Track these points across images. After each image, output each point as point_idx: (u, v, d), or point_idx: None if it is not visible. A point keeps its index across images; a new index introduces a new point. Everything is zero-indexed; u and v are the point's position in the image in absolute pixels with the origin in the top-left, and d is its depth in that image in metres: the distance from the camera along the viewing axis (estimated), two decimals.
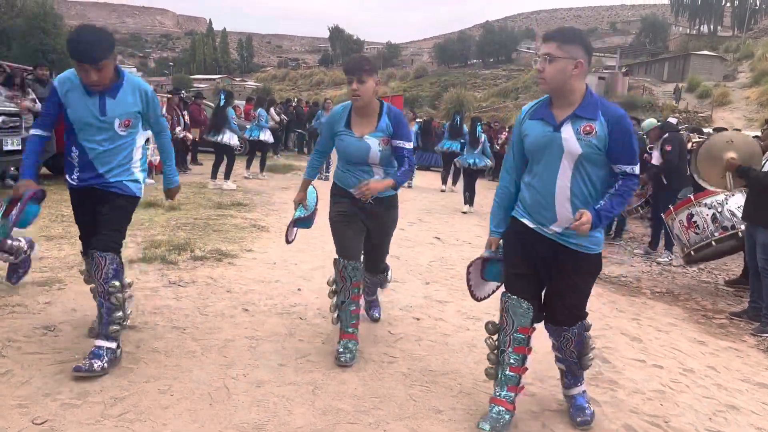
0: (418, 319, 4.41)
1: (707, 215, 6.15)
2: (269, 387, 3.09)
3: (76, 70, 3.01)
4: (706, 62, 50.79)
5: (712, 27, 75.31)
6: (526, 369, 2.93)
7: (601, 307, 5.20)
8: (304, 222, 3.83)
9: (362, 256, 3.68)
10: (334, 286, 3.63)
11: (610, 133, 2.60)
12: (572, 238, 2.70)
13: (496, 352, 2.90)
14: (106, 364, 3.03)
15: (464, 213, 10.58)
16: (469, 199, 10.83)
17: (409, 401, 3.09)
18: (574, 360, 2.98)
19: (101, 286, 3.09)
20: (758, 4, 71.78)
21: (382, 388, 3.19)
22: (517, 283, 2.84)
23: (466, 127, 12.53)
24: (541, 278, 2.86)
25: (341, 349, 3.47)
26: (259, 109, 12.66)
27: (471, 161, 10.64)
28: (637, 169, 2.68)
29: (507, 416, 2.81)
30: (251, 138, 12.30)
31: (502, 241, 2.98)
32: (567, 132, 2.63)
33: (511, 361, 2.82)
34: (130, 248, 5.59)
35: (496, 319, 2.95)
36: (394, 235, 3.83)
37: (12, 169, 8.46)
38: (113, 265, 3.10)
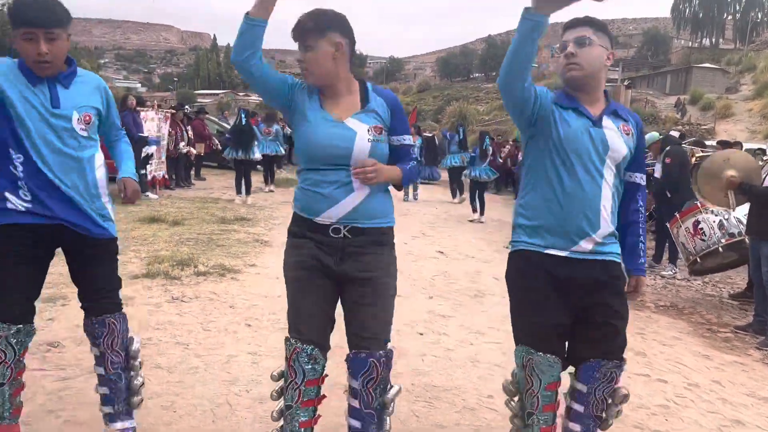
0: (421, 334, 4.40)
1: (714, 222, 6.15)
2: (272, 403, 3.07)
3: (20, 47, 2.30)
4: (709, 75, 50.84)
5: (713, 40, 75.52)
6: (555, 426, 2.45)
7: None
8: None
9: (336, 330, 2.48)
10: (280, 382, 2.42)
11: (638, 138, 2.39)
12: (605, 247, 2.31)
13: (520, 415, 2.44)
14: None
15: (472, 221, 11.13)
16: (480, 209, 11.37)
17: (411, 417, 3.08)
18: (599, 414, 2.39)
19: (118, 355, 2.55)
20: (760, 17, 72.04)
21: None
22: (544, 336, 2.31)
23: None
24: (569, 318, 2.35)
25: None
26: (275, 126, 13.19)
27: (477, 173, 11.24)
28: (644, 180, 2.49)
29: None
30: (272, 153, 12.79)
31: (512, 283, 2.44)
32: (609, 127, 2.30)
33: (541, 422, 2.35)
34: (133, 264, 5.60)
35: (507, 367, 2.61)
36: (396, 249, 2.53)
37: None
38: (125, 324, 2.60)
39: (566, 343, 2.39)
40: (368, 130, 2.26)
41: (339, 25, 2.25)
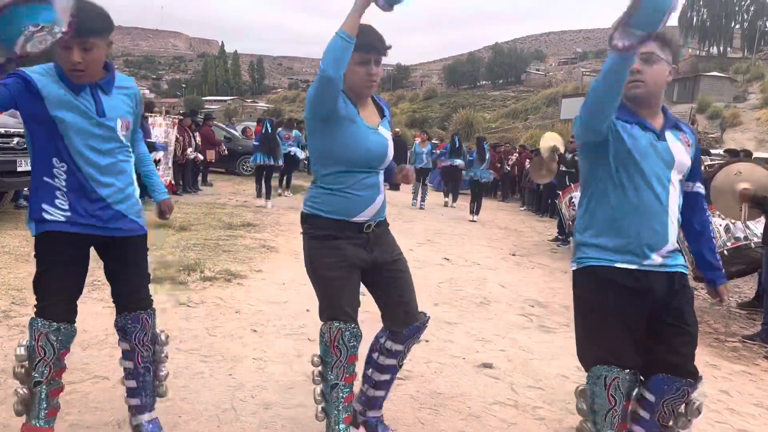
0: (426, 341, 4.38)
1: (720, 225, 6.14)
2: (277, 409, 3.08)
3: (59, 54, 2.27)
4: (716, 83, 50.70)
5: (721, 48, 75.32)
6: None
7: None
8: None
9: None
10: (320, 367, 2.57)
11: (695, 148, 2.42)
12: (673, 260, 2.32)
13: None
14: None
15: (472, 221, 11.86)
16: (476, 209, 12.15)
17: (417, 424, 3.07)
18: (665, 423, 2.34)
19: (147, 349, 2.62)
20: None
21: (390, 411, 3.16)
22: (629, 352, 2.27)
23: (465, 147, 14.31)
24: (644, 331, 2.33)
25: None
26: (295, 131, 13.77)
27: (474, 174, 12.17)
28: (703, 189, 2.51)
29: None
30: (292, 154, 13.31)
31: (583, 301, 2.40)
32: (672, 141, 2.32)
33: None
34: None
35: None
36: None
37: (25, 189, 8.55)
38: (155, 319, 2.66)
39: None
40: (390, 137, 2.60)
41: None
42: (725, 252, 6.09)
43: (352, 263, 2.50)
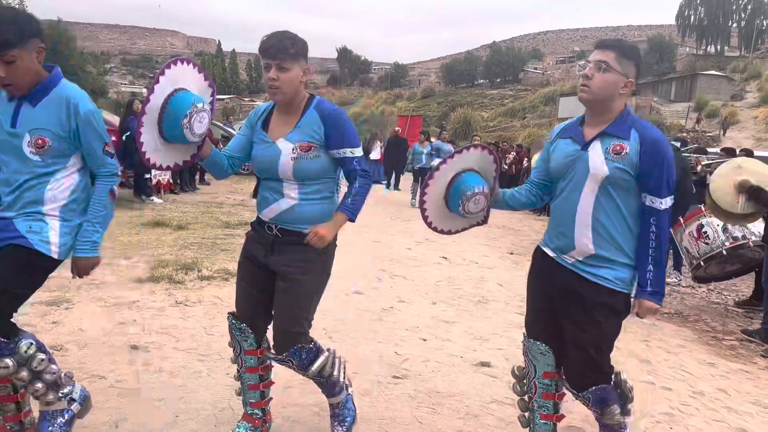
0: (424, 340, 4.39)
1: (718, 225, 6.15)
2: (274, 408, 3.07)
3: None
4: (714, 82, 50.82)
5: (719, 47, 75.48)
6: (562, 416, 2.64)
7: None
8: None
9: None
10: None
11: (642, 155, 2.28)
12: (592, 269, 2.37)
13: (525, 398, 2.67)
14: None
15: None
16: None
17: (415, 423, 3.07)
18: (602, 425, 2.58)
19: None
20: (765, 24, 72.03)
21: (388, 410, 3.17)
22: (535, 324, 2.59)
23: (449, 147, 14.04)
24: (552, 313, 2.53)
25: None
26: None
27: None
28: (665, 204, 2.31)
29: None
30: None
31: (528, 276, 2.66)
32: (595, 151, 2.34)
33: (541, 408, 2.59)
34: (138, 267, 5.61)
35: (510, 374, 2.79)
36: (400, 255, 2.79)
37: None
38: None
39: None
40: (293, 149, 2.47)
41: (306, 53, 2.51)
42: (723, 252, 6.10)
43: (249, 256, 2.67)
